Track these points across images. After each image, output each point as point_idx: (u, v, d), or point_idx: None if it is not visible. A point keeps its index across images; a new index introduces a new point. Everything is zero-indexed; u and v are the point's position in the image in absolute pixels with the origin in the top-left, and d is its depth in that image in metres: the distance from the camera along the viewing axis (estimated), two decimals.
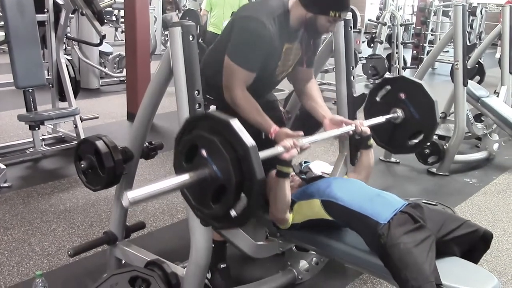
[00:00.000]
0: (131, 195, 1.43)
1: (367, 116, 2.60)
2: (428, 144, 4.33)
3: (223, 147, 1.51)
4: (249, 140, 1.50)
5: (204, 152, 1.57)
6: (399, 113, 2.56)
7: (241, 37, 2.17)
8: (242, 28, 2.17)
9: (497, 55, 11.35)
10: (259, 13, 2.15)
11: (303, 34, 2.30)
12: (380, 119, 2.49)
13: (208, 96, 2.27)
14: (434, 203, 3.57)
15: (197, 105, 1.87)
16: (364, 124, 2.32)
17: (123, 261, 2.42)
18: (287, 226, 2.17)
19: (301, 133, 2.12)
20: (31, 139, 4.27)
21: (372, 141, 2.39)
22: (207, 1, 6.06)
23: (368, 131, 2.33)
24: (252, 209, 1.54)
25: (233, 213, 1.55)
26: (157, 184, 1.50)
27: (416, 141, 2.60)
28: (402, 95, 2.56)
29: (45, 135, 4.70)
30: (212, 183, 1.56)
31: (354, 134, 2.34)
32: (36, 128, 4.19)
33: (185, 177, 1.55)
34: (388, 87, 2.61)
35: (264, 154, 1.77)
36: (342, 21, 2.53)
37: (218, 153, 1.53)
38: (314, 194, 2.13)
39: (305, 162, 3.07)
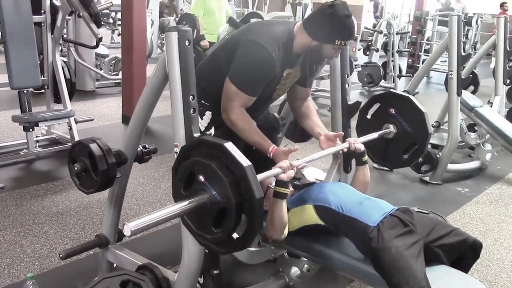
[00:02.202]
0: (132, 225, 1.45)
1: (360, 134, 2.64)
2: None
3: (220, 170, 1.54)
4: (244, 161, 1.53)
5: (201, 178, 1.59)
6: (391, 128, 2.60)
7: (245, 62, 2.18)
8: (247, 54, 2.18)
9: (492, 65, 11.43)
10: (265, 39, 2.16)
11: (305, 58, 2.33)
12: (373, 135, 2.54)
13: (203, 102, 2.28)
14: (426, 212, 3.57)
15: (192, 110, 1.87)
16: (357, 141, 2.37)
17: (115, 265, 2.41)
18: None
19: (297, 147, 2.16)
20: (25, 140, 4.26)
21: (366, 158, 2.43)
22: (199, 6, 5.88)
23: (362, 147, 2.37)
24: (254, 229, 1.55)
25: (235, 235, 1.57)
26: (157, 214, 1.52)
27: (410, 154, 2.62)
28: (392, 110, 2.60)
29: (39, 136, 4.69)
30: (212, 207, 1.58)
31: (349, 151, 2.38)
32: (30, 130, 4.18)
33: (184, 204, 1.57)
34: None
35: (262, 176, 1.81)
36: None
37: (216, 177, 1.55)
38: (307, 199, 2.14)
39: None
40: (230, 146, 1.56)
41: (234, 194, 1.52)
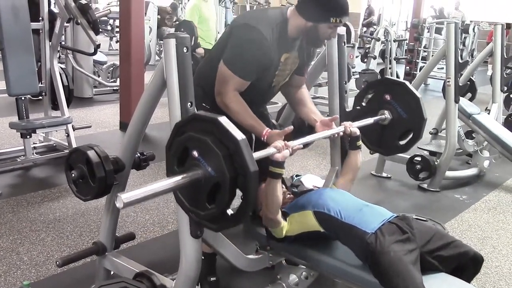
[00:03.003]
0: (125, 197, 1.42)
1: (355, 121, 2.62)
2: (420, 160, 4.36)
3: (214, 144, 1.52)
4: (239, 134, 1.51)
5: (195, 153, 1.57)
6: (387, 114, 2.58)
7: (238, 45, 2.18)
8: (240, 36, 2.18)
9: (489, 73, 11.47)
10: (258, 22, 2.16)
11: (302, 43, 2.32)
12: (368, 120, 2.52)
13: (204, 105, 2.28)
14: (424, 219, 3.57)
15: None
16: (353, 125, 2.35)
17: (112, 272, 2.40)
18: (280, 233, 2.16)
19: (291, 128, 2.12)
20: (23, 147, 4.25)
21: (360, 142, 2.42)
22: (195, 13, 5.83)
23: (358, 131, 2.37)
24: (248, 204, 1.53)
25: (229, 211, 1.54)
26: (150, 186, 1.50)
27: (406, 140, 2.61)
28: (388, 97, 2.58)
29: (36, 143, 4.67)
30: (206, 183, 1.56)
31: (344, 134, 2.36)
32: (28, 136, 4.17)
33: (178, 179, 1.55)
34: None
35: (257, 155, 1.77)
36: (336, 37, 2.56)
37: (210, 152, 1.53)
38: (306, 205, 2.14)
39: (296, 176, 3.08)
40: (224, 120, 1.54)
41: (228, 168, 1.50)
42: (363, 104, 2.69)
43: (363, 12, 16.95)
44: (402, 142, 2.63)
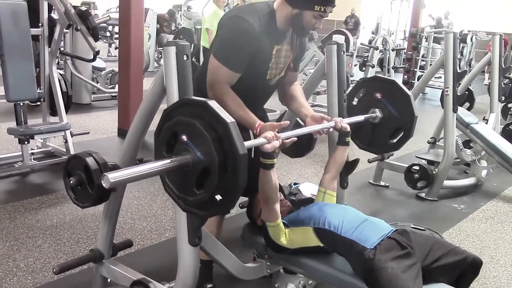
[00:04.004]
0: (112, 176, 1.42)
1: None
2: (418, 169, 4.36)
3: (203, 128, 1.51)
4: (228, 117, 1.50)
5: (184, 137, 1.56)
6: (377, 112, 2.59)
7: (226, 36, 2.20)
8: (227, 27, 2.21)
9: (485, 82, 11.52)
10: (244, 13, 2.19)
11: (292, 35, 2.34)
12: (359, 117, 2.53)
13: None
14: (422, 228, 3.58)
15: None
16: (343, 121, 2.35)
17: (109, 280, 2.39)
18: (276, 233, 2.14)
19: (287, 122, 2.12)
20: (20, 153, 4.24)
21: (349, 139, 2.41)
22: (214, 20, 6.13)
23: (348, 127, 2.35)
24: (237, 189, 1.51)
25: (218, 197, 1.52)
26: (138, 168, 1.50)
27: (397, 138, 2.62)
28: (378, 95, 2.59)
29: (34, 149, 4.66)
30: (195, 167, 1.55)
31: (334, 130, 2.35)
32: (26, 142, 4.15)
33: (166, 162, 1.55)
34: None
35: (246, 144, 1.76)
36: (336, 46, 2.57)
37: (199, 135, 1.52)
38: (307, 221, 2.13)
39: (294, 184, 3.07)
40: (213, 104, 1.53)
41: (217, 151, 1.49)
42: (354, 103, 2.71)
43: (361, 21, 17.05)
44: (394, 140, 2.63)
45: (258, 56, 2.23)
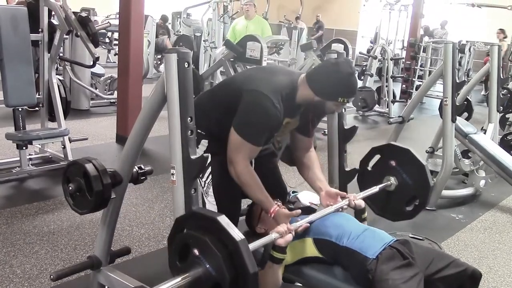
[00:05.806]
0: None
1: (361, 186, 2.61)
2: None
3: (214, 245, 1.54)
4: (238, 235, 1.54)
5: (196, 251, 1.59)
6: (392, 180, 2.56)
7: (250, 112, 2.17)
8: (251, 103, 2.17)
9: (483, 92, 11.56)
10: (268, 89, 2.15)
11: (306, 109, 2.33)
12: (374, 189, 2.50)
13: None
14: (420, 238, 3.57)
15: (189, 131, 1.87)
16: (357, 198, 2.33)
17: (106, 287, 2.38)
18: None
19: (299, 211, 2.13)
20: (18, 158, 4.22)
21: (366, 215, 2.40)
22: (231, 31, 7.00)
23: (363, 204, 2.34)
24: None
25: None
26: None
27: (412, 206, 2.60)
28: (393, 162, 2.57)
29: (32, 154, 4.65)
30: (207, 281, 1.57)
31: (349, 207, 2.33)
32: (24, 148, 4.14)
33: (178, 281, 1.57)
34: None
35: (259, 243, 1.81)
36: (336, 55, 2.57)
37: (210, 252, 1.56)
38: (307, 232, 2.12)
39: (293, 192, 3.07)
40: (223, 219, 1.56)
41: (228, 269, 1.52)
42: (369, 168, 2.69)
43: (360, 30, 17.12)
44: (409, 208, 2.61)
45: (275, 131, 2.28)
